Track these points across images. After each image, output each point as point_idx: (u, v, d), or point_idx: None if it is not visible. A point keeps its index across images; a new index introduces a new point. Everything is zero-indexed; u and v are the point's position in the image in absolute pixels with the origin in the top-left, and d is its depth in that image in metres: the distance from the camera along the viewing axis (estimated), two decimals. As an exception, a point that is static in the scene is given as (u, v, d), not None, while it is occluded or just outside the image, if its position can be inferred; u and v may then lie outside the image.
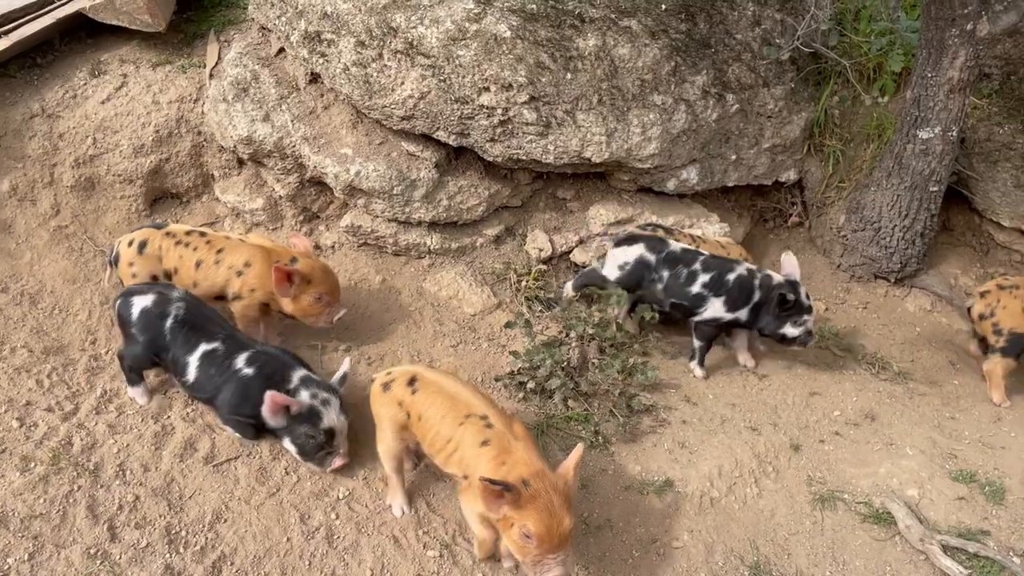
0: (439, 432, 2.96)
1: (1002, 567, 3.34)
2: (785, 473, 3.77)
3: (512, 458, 2.74)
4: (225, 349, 3.40)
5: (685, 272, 4.25)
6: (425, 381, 3.09)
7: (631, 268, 4.33)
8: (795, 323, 4.20)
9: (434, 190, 4.57)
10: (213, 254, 3.89)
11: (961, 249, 5.66)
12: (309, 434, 3.28)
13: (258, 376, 3.32)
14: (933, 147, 4.74)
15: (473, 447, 2.83)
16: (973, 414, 4.38)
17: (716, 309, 4.24)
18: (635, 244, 4.37)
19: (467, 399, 3.00)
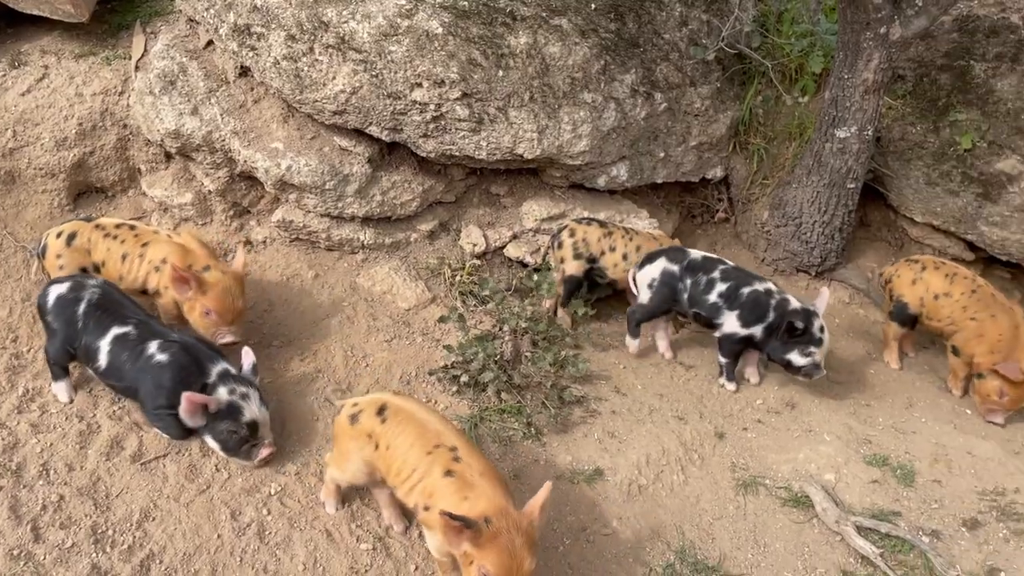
0: (405, 460, 2.84)
1: (912, 546, 3.52)
2: (710, 460, 3.90)
3: (475, 493, 2.65)
4: (137, 334, 3.34)
5: (704, 280, 4.32)
6: (395, 408, 2.97)
7: (659, 284, 4.39)
8: (803, 352, 4.20)
9: (367, 185, 4.57)
10: (138, 248, 3.85)
11: (877, 244, 5.91)
12: (231, 430, 3.27)
13: (172, 365, 3.27)
14: (850, 146, 4.94)
15: (437, 477, 2.73)
16: (887, 401, 4.60)
17: (732, 324, 4.28)
18: (657, 259, 4.43)
19: (437, 429, 2.89)
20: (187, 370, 3.29)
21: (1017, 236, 5.09)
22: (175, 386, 3.23)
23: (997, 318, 4.52)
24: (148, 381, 3.28)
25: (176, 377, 3.25)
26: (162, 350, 3.31)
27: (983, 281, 4.75)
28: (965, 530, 3.67)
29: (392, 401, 3.02)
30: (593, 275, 4.72)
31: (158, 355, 3.29)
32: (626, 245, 4.68)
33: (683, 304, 4.39)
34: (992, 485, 3.96)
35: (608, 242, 4.67)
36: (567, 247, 4.65)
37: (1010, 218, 5.08)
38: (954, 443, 4.24)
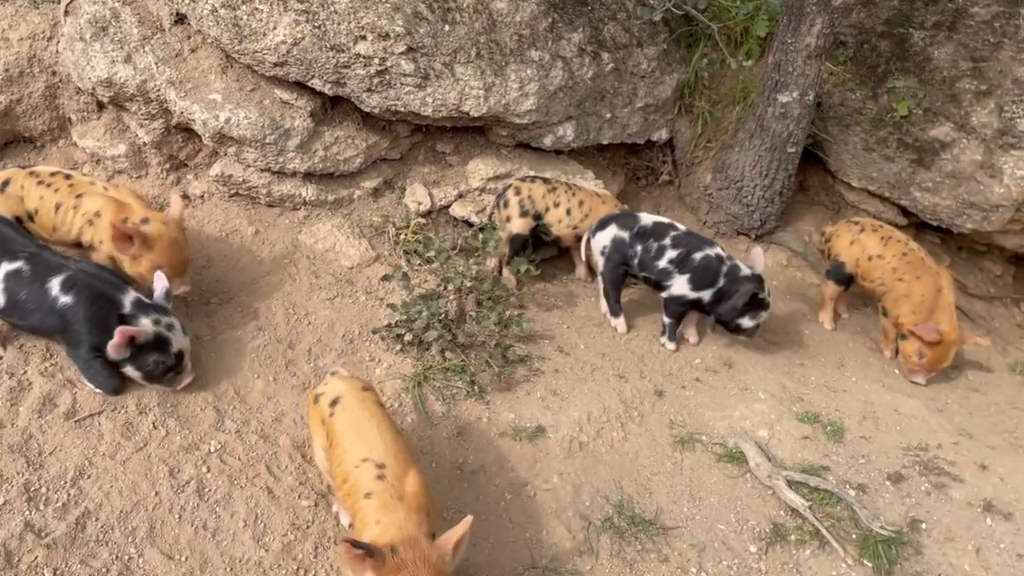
0: (340, 465, 2.73)
1: (839, 499, 3.66)
2: (649, 418, 3.98)
3: (387, 518, 2.48)
4: (32, 270, 3.23)
5: (655, 246, 4.35)
6: (344, 406, 2.85)
7: (611, 251, 4.41)
8: (752, 317, 4.35)
9: (309, 140, 4.48)
10: (72, 199, 3.71)
11: (816, 208, 6.04)
12: (159, 360, 3.29)
13: (80, 305, 3.18)
14: (791, 110, 5.02)
15: (359, 497, 2.58)
16: (820, 361, 4.74)
17: (681, 287, 4.34)
18: (608, 225, 4.45)
19: (371, 440, 2.72)
20: (97, 306, 3.21)
21: (948, 202, 5.26)
22: (91, 327, 3.18)
23: (922, 279, 4.69)
24: (62, 326, 3.20)
25: (88, 317, 3.18)
26: (66, 290, 3.20)
27: (916, 246, 4.91)
28: (890, 484, 3.84)
29: (347, 398, 2.89)
30: (539, 232, 4.73)
31: (63, 297, 3.20)
32: (569, 200, 4.71)
33: (633, 268, 4.44)
34: (916, 441, 4.13)
35: (552, 198, 4.69)
36: (513, 205, 4.64)
37: (941, 184, 5.24)
38: (882, 401, 4.40)
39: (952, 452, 4.11)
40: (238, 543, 2.99)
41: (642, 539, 3.38)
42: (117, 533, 2.90)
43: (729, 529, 3.52)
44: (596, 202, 4.76)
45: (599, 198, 4.80)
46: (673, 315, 4.49)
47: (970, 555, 3.55)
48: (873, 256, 4.85)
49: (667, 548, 3.37)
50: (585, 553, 3.27)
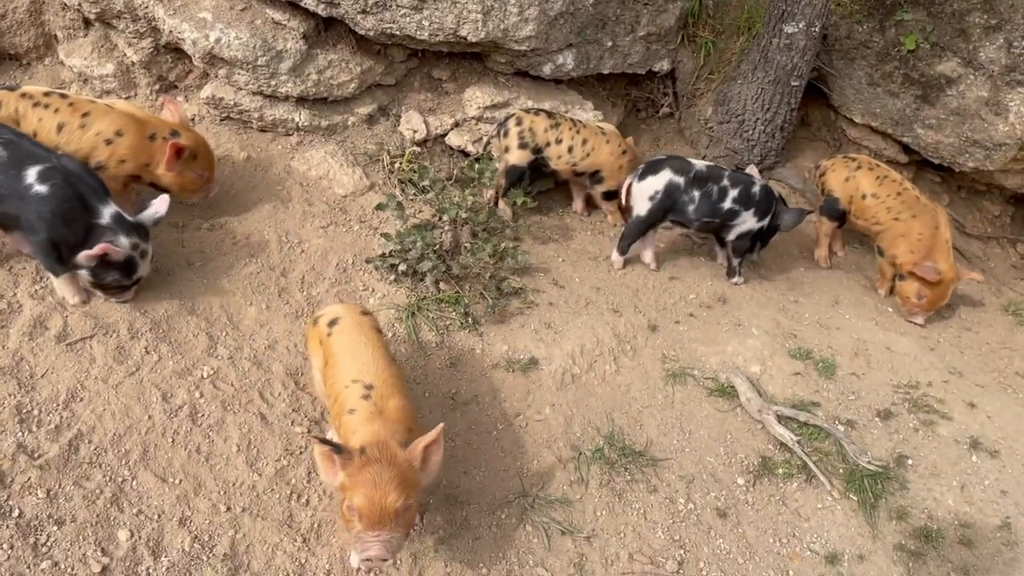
0: (332, 385, 2.79)
1: (828, 434, 3.70)
2: (642, 352, 3.99)
3: (364, 429, 2.55)
4: (8, 156, 3.14)
5: (716, 189, 4.35)
6: (341, 328, 2.91)
7: (661, 196, 4.36)
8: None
9: (302, 63, 4.36)
10: (78, 118, 3.60)
11: (816, 144, 5.96)
12: (119, 281, 3.31)
13: (53, 198, 3.13)
14: (797, 42, 4.90)
15: (343, 413, 2.65)
16: (814, 298, 4.74)
17: (750, 221, 4.43)
18: (661, 170, 4.37)
19: (364, 362, 2.77)
20: (69, 204, 3.16)
21: (950, 140, 5.19)
22: (54, 221, 3.14)
23: (918, 218, 4.67)
24: (29, 212, 3.14)
25: (57, 211, 3.13)
26: (43, 180, 3.13)
27: (911, 185, 4.87)
28: (878, 420, 3.88)
29: (344, 320, 2.94)
30: (537, 165, 4.65)
31: (38, 185, 3.12)
32: (572, 138, 4.60)
33: (686, 214, 4.40)
34: (907, 379, 4.16)
35: (554, 134, 4.59)
36: (512, 135, 4.55)
37: (945, 121, 5.16)
38: (874, 339, 4.42)
39: (942, 390, 4.15)
40: (231, 467, 3.01)
41: (631, 470, 3.42)
42: (110, 456, 2.91)
43: (718, 461, 3.56)
44: (600, 140, 4.67)
45: (603, 136, 4.70)
46: (741, 252, 4.57)
47: (955, 491, 3.61)
48: (867, 195, 4.81)
49: (656, 479, 3.41)
50: (575, 483, 3.31)
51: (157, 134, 3.68)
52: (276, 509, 2.93)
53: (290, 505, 2.95)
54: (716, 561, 3.18)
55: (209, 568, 2.71)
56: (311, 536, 2.88)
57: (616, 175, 4.71)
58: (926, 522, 3.47)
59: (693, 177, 4.35)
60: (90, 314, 3.35)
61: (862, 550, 3.32)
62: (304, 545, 2.85)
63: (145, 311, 3.44)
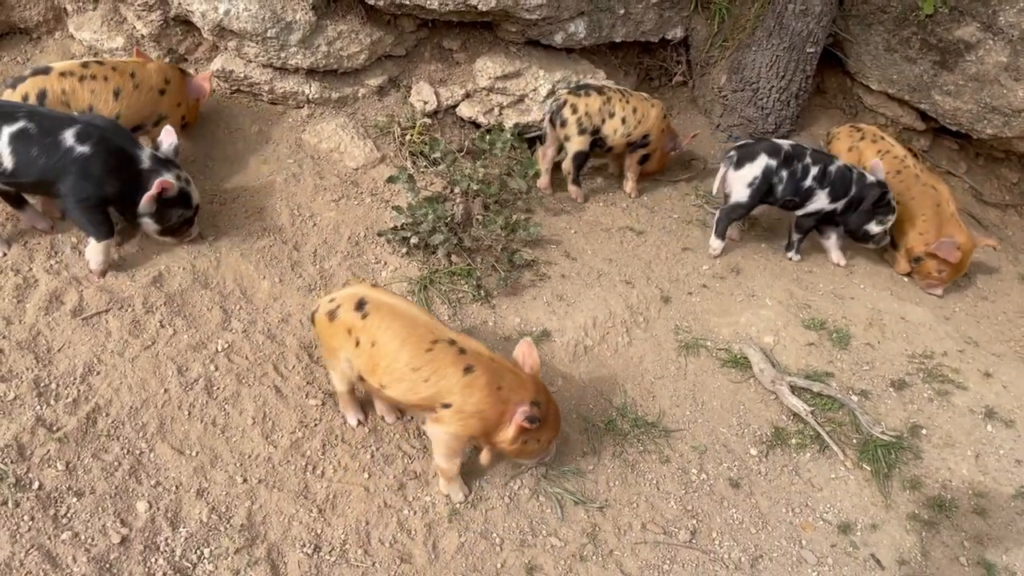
0: (397, 358, 2.79)
1: (841, 404, 3.70)
2: (655, 323, 3.99)
3: (506, 382, 2.80)
4: (38, 126, 3.17)
5: (799, 167, 4.35)
6: (376, 303, 2.87)
7: (760, 182, 4.37)
8: (879, 221, 4.50)
9: (312, 34, 4.33)
10: (128, 79, 3.74)
11: (832, 112, 5.88)
12: (183, 214, 3.50)
13: (99, 154, 3.22)
14: (812, 7, 4.82)
15: (456, 375, 2.76)
16: (828, 268, 4.71)
17: (821, 201, 4.41)
18: (757, 157, 4.36)
19: (427, 323, 2.86)
20: (116, 156, 3.28)
21: (969, 106, 5.11)
22: (104, 176, 3.24)
23: (916, 199, 4.65)
24: (74, 174, 3.20)
25: (106, 166, 3.24)
26: (82, 139, 3.20)
27: (912, 162, 4.83)
28: (892, 390, 3.86)
29: (371, 295, 2.91)
30: (595, 146, 4.67)
31: (79, 146, 3.19)
32: (623, 109, 4.62)
33: (775, 195, 4.42)
34: (922, 349, 4.14)
35: (608, 109, 4.59)
36: (571, 124, 4.54)
37: (964, 87, 5.08)
38: (889, 309, 4.39)
39: (957, 360, 4.12)
40: (247, 439, 3.04)
41: (644, 441, 3.43)
42: (128, 428, 2.95)
43: (731, 432, 3.57)
44: (647, 106, 4.70)
45: (649, 102, 4.73)
46: (804, 230, 4.58)
47: (969, 460, 3.61)
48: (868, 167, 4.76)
49: (668, 449, 3.42)
50: (588, 453, 3.33)
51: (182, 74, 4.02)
52: (292, 480, 2.96)
53: (305, 476, 2.98)
54: (729, 531, 3.19)
55: (226, 538, 2.75)
56: (327, 507, 2.91)
57: (660, 138, 4.77)
58: (940, 492, 3.47)
59: (783, 158, 4.36)
60: (105, 288, 3.38)
61: (875, 519, 3.33)
62: (320, 516, 2.88)
63: (160, 285, 3.46)
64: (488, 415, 2.80)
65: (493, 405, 2.78)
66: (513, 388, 2.81)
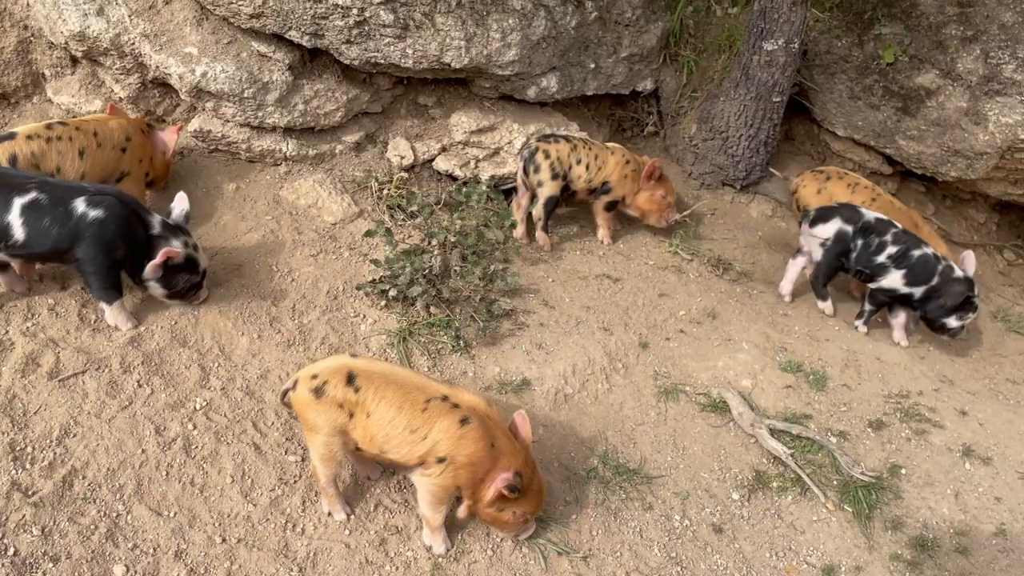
0: (394, 424, 2.81)
1: (820, 446, 3.72)
2: (634, 369, 4.01)
3: (499, 442, 2.86)
4: (49, 197, 3.23)
5: (876, 241, 4.41)
6: (366, 375, 2.85)
7: (832, 243, 4.48)
8: (960, 317, 4.50)
9: (288, 94, 4.41)
10: (91, 138, 3.79)
11: (801, 158, 6.02)
12: (189, 280, 3.55)
13: (113, 219, 3.29)
14: (777, 58, 4.97)
15: (452, 428, 2.79)
16: (803, 310, 4.77)
17: (894, 280, 4.43)
18: (832, 218, 4.47)
19: (417, 383, 2.89)
20: (129, 221, 3.36)
21: (932, 150, 5.25)
22: (116, 241, 3.32)
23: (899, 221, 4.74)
24: (88, 240, 3.26)
25: (119, 231, 3.31)
26: (94, 205, 3.27)
27: (882, 190, 4.98)
28: (871, 430, 3.90)
29: (358, 366, 2.89)
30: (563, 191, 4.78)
31: (92, 212, 3.26)
32: (587, 156, 4.75)
33: (849, 261, 4.50)
34: (898, 388, 4.19)
35: (575, 156, 4.73)
36: (544, 169, 4.65)
37: (927, 132, 5.22)
38: (864, 349, 4.45)
39: (933, 399, 4.17)
40: (226, 498, 3.01)
41: (626, 488, 3.43)
42: (104, 491, 2.91)
43: (712, 477, 3.57)
44: (607, 153, 4.82)
45: (608, 149, 4.86)
46: (876, 303, 4.61)
47: (949, 499, 3.63)
48: None
49: (651, 496, 3.42)
50: (571, 502, 3.32)
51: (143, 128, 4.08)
52: (271, 539, 2.93)
53: (285, 535, 2.95)
54: (713, 577, 3.18)
55: (205, 601, 2.70)
56: (307, 565, 2.88)
57: (622, 184, 4.84)
58: (921, 531, 3.48)
59: (862, 227, 4.44)
60: (82, 349, 3.37)
61: (858, 561, 3.33)
62: (300, 574, 2.84)
63: (137, 344, 3.45)
64: (478, 468, 2.82)
65: (484, 459, 2.82)
66: (504, 451, 2.85)
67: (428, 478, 2.86)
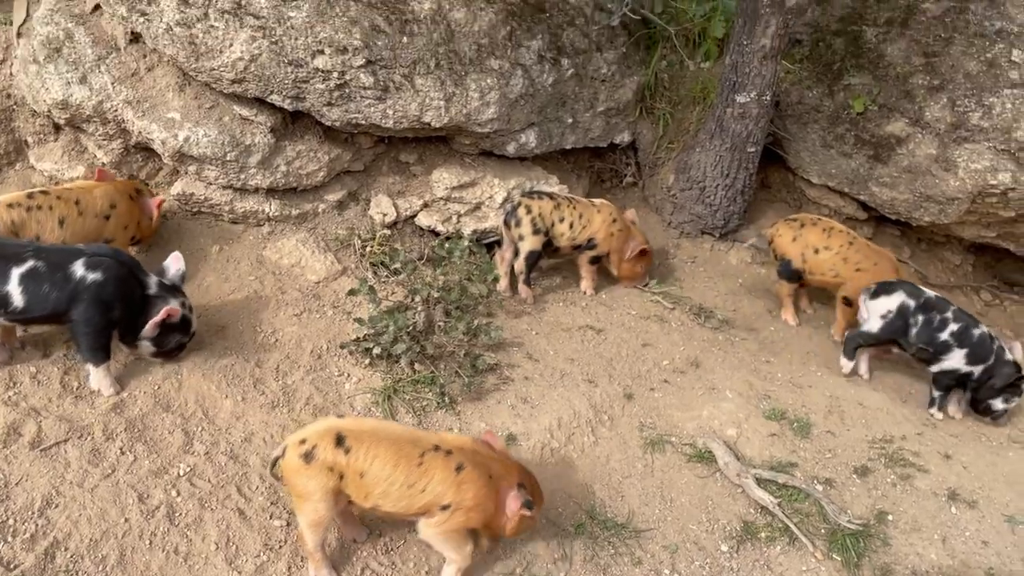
0: (393, 481, 2.82)
1: (807, 495, 3.73)
2: (619, 421, 4.02)
3: (494, 469, 2.95)
4: (47, 264, 3.29)
5: (938, 318, 4.44)
6: (355, 435, 2.85)
7: (894, 317, 4.50)
8: (1006, 400, 4.50)
9: (271, 156, 4.46)
10: (73, 206, 3.83)
11: (778, 205, 6.12)
12: (180, 340, 3.61)
13: (111, 281, 3.35)
14: (749, 110, 5.09)
15: (449, 477, 2.85)
16: (785, 357, 4.81)
17: (957, 360, 4.44)
18: (895, 292, 4.53)
19: (409, 437, 2.92)
20: (127, 282, 3.42)
21: (905, 196, 5.35)
22: (114, 303, 3.37)
23: (880, 265, 4.84)
24: (85, 302, 3.31)
25: (117, 292, 3.37)
26: (92, 268, 3.33)
27: (856, 234, 5.07)
28: (856, 477, 3.91)
29: (346, 427, 2.89)
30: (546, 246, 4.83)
31: (90, 274, 3.32)
32: (571, 215, 4.81)
33: (909, 337, 4.51)
34: (881, 433, 4.22)
35: (558, 214, 4.79)
36: (526, 223, 4.70)
37: (899, 179, 5.33)
38: (847, 395, 4.48)
39: (917, 443, 4.20)
40: (210, 567, 2.97)
41: (615, 543, 3.41)
42: (87, 562, 2.87)
43: (700, 529, 3.56)
44: (592, 211, 4.89)
45: (595, 207, 4.92)
46: (944, 388, 4.58)
47: (936, 544, 3.63)
48: (819, 248, 4.95)
49: (640, 551, 3.41)
50: (559, 559, 3.30)
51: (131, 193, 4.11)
52: (257, 607, 2.89)
53: (271, 602, 2.92)
54: (704, 632, 3.16)
55: (190, 674, 2.66)
56: (293, 633, 2.84)
57: (607, 241, 4.90)
58: (911, 578, 3.47)
59: (923, 303, 4.49)
60: (64, 417, 3.35)
61: (849, 611, 3.32)
62: (287, 643, 2.80)
63: (120, 411, 3.44)
64: (486, 505, 2.91)
65: (488, 495, 2.91)
66: (501, 474, 2.96)
67: (437, 526, 2.91)
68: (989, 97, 5.00)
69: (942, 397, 4.63)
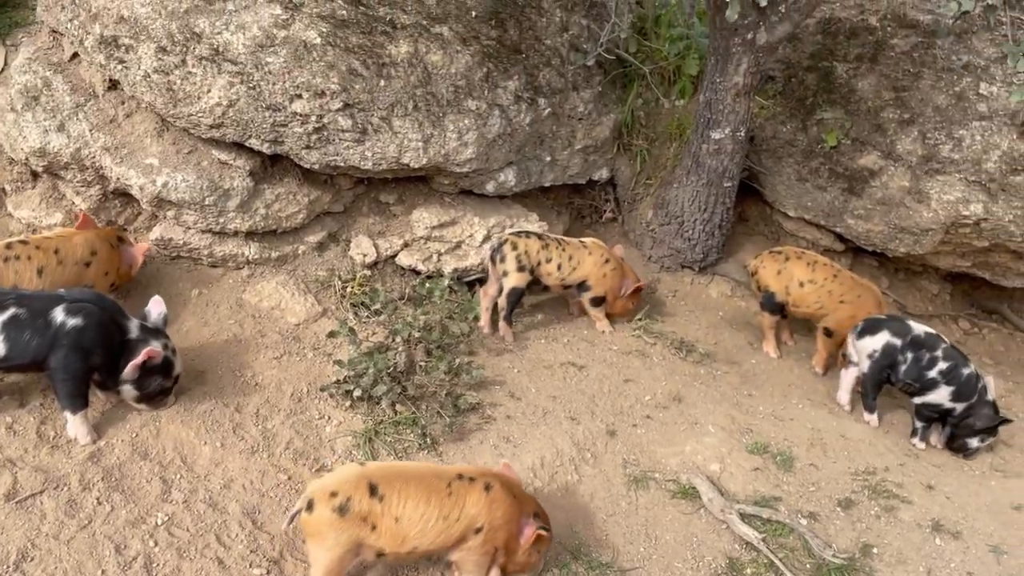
0: (428, 517, 2.88)
1: (791, 529, 3.72)
2: (602, 458, 4.01)
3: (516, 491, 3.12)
4: (28, 311, 3.30)
5: (927, 356, 4.48)
6: (386, 480, 2.88)
7: (880, 356, 4.55)
8: (982, 440, 4.56)
9: (250, 199, 4.47)
10: (52, 255, 3.83)
11: (756, 238, 6.18)
12: (162, 384, 3.58)
13: (91, 327, 3.35)
14: (725, 146, 5.16)
15: (480, 499, 2.97)
16: (767, 390, 4.82)
17: (942, 396, 4.48)
18: (879, 331, 4.57)
19: (431, 470, 3.06)
20: (107, 327, 3.42)
21: (880, 228, 5.42)
22: (94, 348, 3.36)
23: (863, 298, 4.89)
24: (64, 348, 3.30)
25: (97, 337, 3.37)
26: (72, 313, 3.34)
27: (839, 266, 5.12)
28: (840, 510, 3.91)
29: (375, 474, 2.92)
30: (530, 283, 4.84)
31: (70, 320, 3.32)
32: (559, 256, 4.84)
33: (897, 374, 4.56)
34: (864, 465, 4.22)
35: (545, 254, 4.82)
36: (510, 260, 4.72)
37: (873, 211, 5.40)
38: (829, 427, 4.49)
39: (899, 474, 4.21)
40: (189, 618, 2.93)
41: (600, 584, 3.38)
42: (61, 617, 2.82)
43: (686, 567, 3.54)
44: (583, 253, 4.91)
45: (585, 248, 4.94)
46: (926, 419, 4.64)
47: (921, 576, 3.63)
48: (804, 282, 4.99)
49: (625, 591, 3.38)
50: (544, 602, 3.27)
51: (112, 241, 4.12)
52: (236, 660, 2.84)
53: (251, 654, 2.87)
54: (691, 673, 3.13)
55: None
56: None
57: (601, 282, 4.93)
58: (897, 612, 3.46)
59: (911, 341, 4.53)
60: (40, 468, 3.30)
61: (836, 647, 3.29)
62: None
63: (97, 460, 3.40)
64: (512, 522, 3.04)
65: (515, 512, 3.04)
66: (522, 497, 3.14)
67: (471, 551, 2.99)
68: (959, 130, 5.10)
69: (924, 428, 4.66)
